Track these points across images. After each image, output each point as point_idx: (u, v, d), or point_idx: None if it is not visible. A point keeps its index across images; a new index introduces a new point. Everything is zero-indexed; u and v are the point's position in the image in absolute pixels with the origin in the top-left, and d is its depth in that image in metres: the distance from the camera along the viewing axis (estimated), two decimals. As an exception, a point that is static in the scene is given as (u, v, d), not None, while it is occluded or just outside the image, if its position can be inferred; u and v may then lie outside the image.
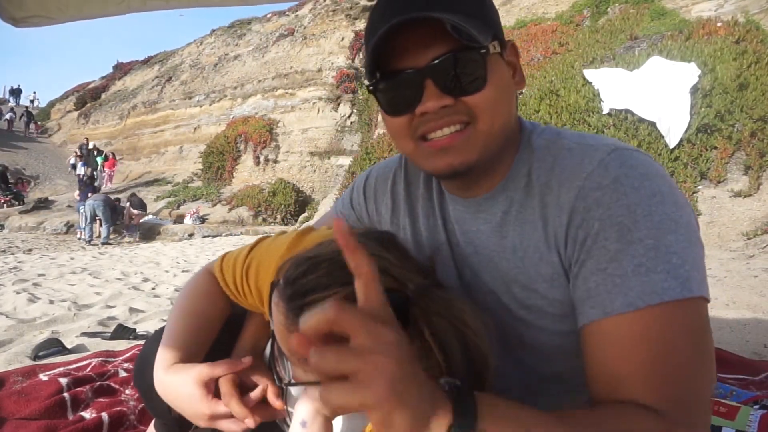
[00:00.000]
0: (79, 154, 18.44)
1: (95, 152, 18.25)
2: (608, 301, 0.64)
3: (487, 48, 0.70)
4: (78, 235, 12.41)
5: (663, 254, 0.63)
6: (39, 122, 30.72)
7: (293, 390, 0.87)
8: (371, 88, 0.75)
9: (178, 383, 0.85)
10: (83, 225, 12.10)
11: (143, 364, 1.07)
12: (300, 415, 0.74)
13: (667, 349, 0.61)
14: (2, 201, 16.83)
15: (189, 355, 0.89)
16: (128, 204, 13.14)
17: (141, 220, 13.26)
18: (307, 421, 0.74)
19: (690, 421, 0.60)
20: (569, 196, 0.71)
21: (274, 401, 0.83)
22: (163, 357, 0.89)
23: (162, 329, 1.12)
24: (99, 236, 12.05)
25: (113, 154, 18.35)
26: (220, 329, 0.97)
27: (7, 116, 28.28)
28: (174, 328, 0.92)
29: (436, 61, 0.69)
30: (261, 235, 1.07)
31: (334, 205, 1.17)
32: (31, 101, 36.84)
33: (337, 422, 0.79)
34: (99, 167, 17.15)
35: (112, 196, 13.51)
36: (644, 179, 0.67)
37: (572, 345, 0.72)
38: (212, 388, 0.83)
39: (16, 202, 16.85)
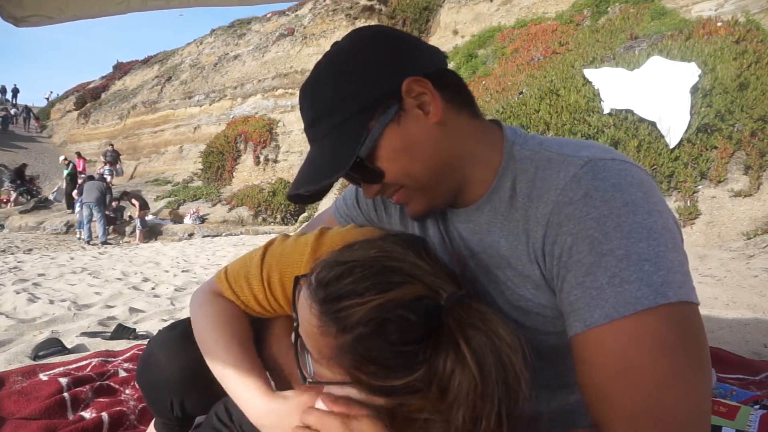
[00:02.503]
0: (105, 160, 18.37)
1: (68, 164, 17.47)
2: (588, 314, 0.65)
3: (359, 157, 0.75)
4: (77, 236, 12.41)
5: (635, 263, 0.62)
6: (39, 119, 30.91)
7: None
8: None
9: (284, 411, 0.81)
10: (83, 225, 12.10)
11: (147, 361, 1.08)
12: None
13: (640, 360, 0.60)
14: (15, 196, 16.99)
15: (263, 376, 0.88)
16: (132, 199, 13.11)
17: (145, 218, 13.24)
18: None
19: None
20: (545, 210, 0.72)
21: None
22: (250, 387, 0.85)
23: (166, 327, 1.13)
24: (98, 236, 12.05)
25: (78, 153, 17.84)
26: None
27: (4, 113, 28.32)
28: (233, 359, 0.89)
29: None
30: (254, 235, 1.06)
31: (334, 203, 1.17)
32: (47, 99, 37.49)
33: None
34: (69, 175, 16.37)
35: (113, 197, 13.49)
36: (615, 190, 0.67)
37: (567, 347, 0.72)
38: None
39: (29, 197, 17.02)
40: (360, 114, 0.74)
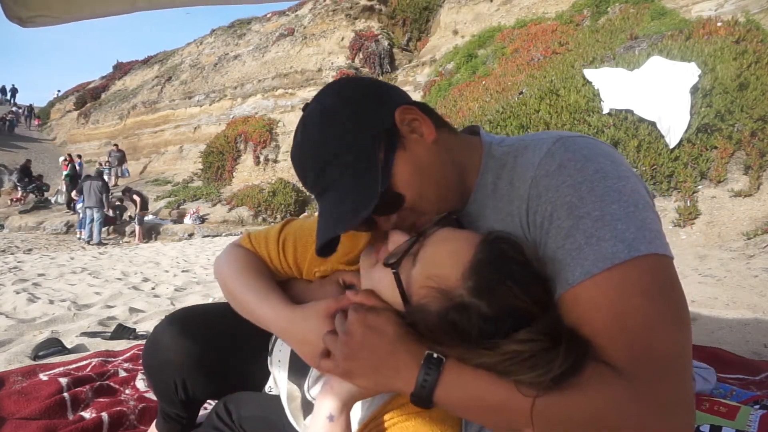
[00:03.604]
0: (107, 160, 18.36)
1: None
2: (569, 273, 0.69)
3: (379, 191, 0.76)
4: (78, 236, 12.41)
5: (608, 222, 0.68)
6: (39, 117, 31.04)
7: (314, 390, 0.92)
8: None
9: (307, 317, 0.85)
10: (83, 225, 12.11)
11: (153, 343, 1.12)
12: (326, 410, 0.76)
13: (624, 310, 0.65)
14: (26, 194, 17.02)
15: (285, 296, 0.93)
16: (134, 195, 13.11)
17: (145, 218, 13.25)
18: (334, 415, 0.76)
19: (652, 376, 0.62)
20: (524, 186, 0.78)
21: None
22: (272, 304, 0.90)
23: (174, 311, 1.16)
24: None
25: (69, 155, 17.81)
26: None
27: (12, 117, 28.43)
28: (255, 286, 0.94)
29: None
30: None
31: None
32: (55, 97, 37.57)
33: (356, 411, 0.82)
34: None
35: (114, 197, 13.49)
36: (586, 161, 0.73)
37: None
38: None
39: (39, 194, 17.06)
40: (368, 148, 0.78)
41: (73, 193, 13.92)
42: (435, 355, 0.67)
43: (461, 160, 0.87)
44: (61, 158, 17.60)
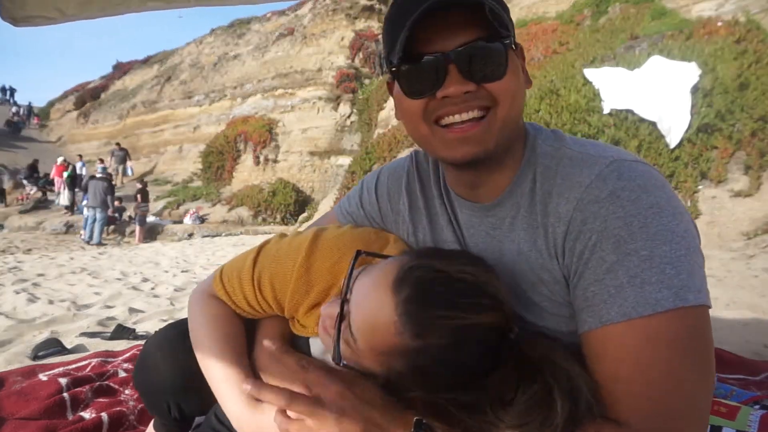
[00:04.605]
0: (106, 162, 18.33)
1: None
2: (604, 311, 0.65)
3: (510, 38, 0.73)
4: (81, 236, 12.42)
5: (657, 265, 0.64)
6: (39, 117, 31.14)
7: (317, 345, 0.90)
8: (393, 69, 0.76)
9: (263, 425, 0.83)
10: (87, 224, 12.14)
11: (144, 363, 1.08)
12: None
13: (653, 361, 0.62)
14: (35, 191, 17.02)
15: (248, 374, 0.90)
16: (138, 195, 13.12)
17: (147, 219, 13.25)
18: None
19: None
20: (568, 207, 0.72)
21: None
22: (234, 394, 0.86)
23: (163, 328, 1.12)
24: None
25: (65, 161, 17.76)
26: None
27: (17, 119, 28.50)
28: (223, 363, 0.90)
29: (461, 48, 0.70)
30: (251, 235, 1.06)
31: (338, 205, 1.16)
32: None
33: None
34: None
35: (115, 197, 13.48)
36: (641, 191, 0.68)
37: (578, 346, 0.73)
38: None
39: (50, 188, 17.06)
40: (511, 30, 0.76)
41: (77, 192, 13.94)
42: (423, 421, 0.66)
43: (519, 128, 0.82)
44: (60, 158, 17.56)
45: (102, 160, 16.34)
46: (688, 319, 0.63)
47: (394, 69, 0.76)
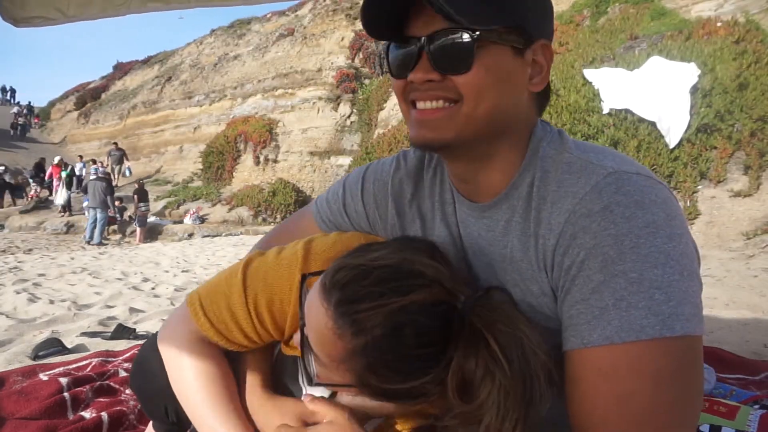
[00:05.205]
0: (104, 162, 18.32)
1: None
2: (587, 332, 0.63)
3: (479, 33, 0.67)
4: (84, 236, 12.43)
5: (646, 289, 0.60)
6: (39, 116, 31.23)
7: (318, 390, 0.87)
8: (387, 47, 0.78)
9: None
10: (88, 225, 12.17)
11: (140, 367, 1.07)
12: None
13: (632, 392, 0.59)
14: (39, 190, 17.01)
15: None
16: (135, 196, 13.12)
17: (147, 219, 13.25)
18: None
19: None
20: (559, 219, 0.69)
21: None
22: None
23: (158, 333, 1.12)
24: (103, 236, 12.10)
25: (62, 160, 17.75)
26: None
27: (23, 121, 28.51)
28: (212, 406, 0.87)
29: (432, 35, 0.70)
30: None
31: (315, 210, 1.09)
32: None
33: None
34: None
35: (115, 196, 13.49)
36: (637, 208, 0.64)
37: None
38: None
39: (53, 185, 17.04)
40: (520, 24, 0.71)
41: (73, 192, 13.92)
42: None
43: (499, 125, 0.75)
44: (56, 158, 17.54)
45: (95, 161, 16.33)
46: (673, 349, 0.59)
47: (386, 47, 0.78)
